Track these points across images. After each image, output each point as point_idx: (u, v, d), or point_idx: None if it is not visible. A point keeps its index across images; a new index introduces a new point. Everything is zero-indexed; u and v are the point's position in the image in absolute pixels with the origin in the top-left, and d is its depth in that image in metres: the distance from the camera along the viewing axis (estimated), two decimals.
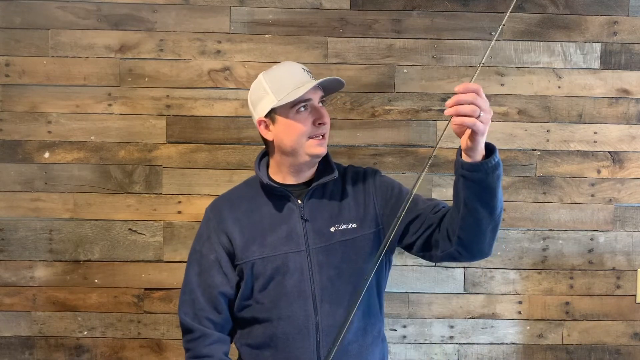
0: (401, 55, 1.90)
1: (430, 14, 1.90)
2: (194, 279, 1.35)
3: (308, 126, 1.29)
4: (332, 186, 1.37)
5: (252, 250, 1.31)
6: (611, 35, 1.92)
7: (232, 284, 1.33)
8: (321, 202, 1.35)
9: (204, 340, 1.31)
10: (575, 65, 1.92)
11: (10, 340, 1.91)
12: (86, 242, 1.90)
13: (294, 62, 1.37)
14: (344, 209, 1.35)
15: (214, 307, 1.33)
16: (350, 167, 1.45)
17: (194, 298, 1.33)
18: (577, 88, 1.93)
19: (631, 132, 1.94)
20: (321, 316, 1.28)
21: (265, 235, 1.32)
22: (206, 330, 1.32)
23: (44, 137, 1.88)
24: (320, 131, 1.30)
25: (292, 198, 1.33)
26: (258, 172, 1.37)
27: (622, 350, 1.97)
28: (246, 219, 1.34)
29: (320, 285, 1.29)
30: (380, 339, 1.38)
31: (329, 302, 1.29)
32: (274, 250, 1.30)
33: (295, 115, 1.28)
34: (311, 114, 1.29)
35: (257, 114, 1.33)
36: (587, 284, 1.96)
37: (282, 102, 1.27)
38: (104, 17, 1.87)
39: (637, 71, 1.92)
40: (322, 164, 1.39)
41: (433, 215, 1.29)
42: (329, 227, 1.32)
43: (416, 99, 1.91)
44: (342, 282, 1.30)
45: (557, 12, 1.91)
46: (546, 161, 1.94)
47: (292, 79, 1.29)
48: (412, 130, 1.91)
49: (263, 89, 1.32)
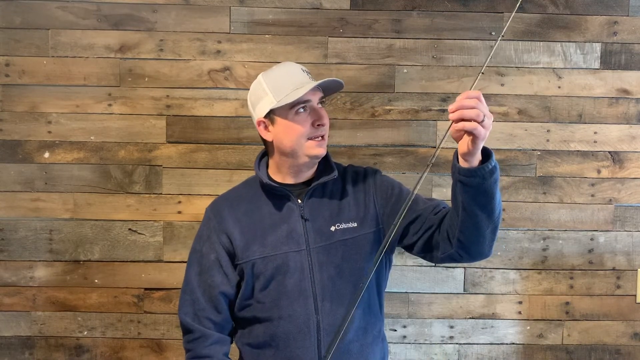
0: (401, 55, 1.90)
1: (430, 14, 1.90)
2: (194, 279, 1.35)
3: (307, 127, 1.29)
4: (332, 186, 1.37)
5: (252, 250, 1.31)
6: (611, 35, 1.92)
7: (233, 283, 1.33)
8: (321, 201, 1.35)
9: (204, 341, 1.31)
10: (575, 65, 1.92)
11: (10, 340, 1.91)
12: (86, 242, 1.90)
13: (294, 62, 1.37)
14: (344, 209, 1.35)
15: (214, 307, 1.33)
16: (350, 166, 1.45)
17: (194, 298, 1.33)
18: (577, 88, 1.93)
19: (631, 132, 1.94)
20: (322, 315, 1.28)
21: (266, 234, 1.32)
22: (206, 331, 1.32)
23: (44, 137, 1.88)
24: (319, 132, 1.30)
25: (292, 197, 1.34)
26: (258, 172, 1.37)
27: (622, 350, 1.97)
28: (246, 218, 1.34)
29: (321, 285, 1.29)
30: (380, 339, 1.38)
31: (329, 301, 1.29)
32: (275, 250, 1.30)
33: (294, 117, 1.28)
34: (310, 115, 1.29)
35: (257, 114, 1.33)
36: (587, 284, 1.96)
37: (281, 103, 1.27)
38: (104, 17, 1.87)
39: (637, 71, 1.92)
40: (322, 163, 1.39)
41: (433, 216, 1.29)
42: (329, 226, 1.33)
43: (416, 99, 1.91)
44: (342, 281, 1.31)
45: (557, 12, 1.91)
46: (546, 161, 1.94)
47: (291, 80, 1.29)
48: (412, 130, 1.91)
49: (262, 90, 1.31)
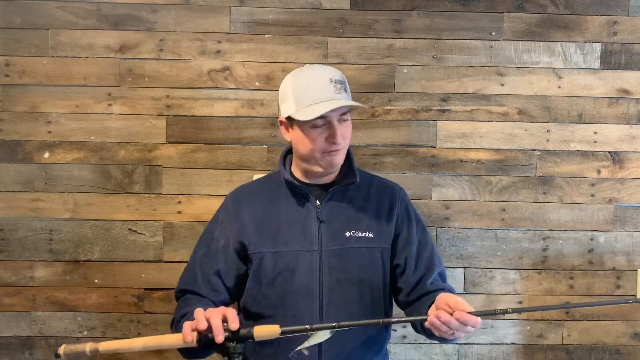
0: (401, 55, 1.90)
1: (430, 14, 1.90)
2: (199, 259, 1.36)
3: (321, 143, 1.27)
4: (353, 192, 1.37)
5: (264, 243, 1.31)
6: (611, 35, 1.92)
7: (232, 274, 1.34)
8: (340, 205, 1.34)
9: (197, 297, 1.31)
10: (575, 65, 1.92)
11: (10, 340, 1.91)
12: (86, 242, 1.90)
13: (326, 67, 1.32)
14: (363, 217, 1.34)
15: (211, 288, 1.32)
16: (377, 177, 1.45)
17: (193, 275, 1.34)
18: (577, 88, 1.93)
19: (631, 132, 1.94)
20: (326, 319, 1.27)
21: (280, 230, 1.32)
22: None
23: (44, 137, 1.88)
24: (332, 148, 1.28)
25: (311, 198, 1.33)
26: (282, 168, 1.37)
27: (622, 350, 1.97)
28: (263, 211, 1.34)
29: (329, 288, 1.29)
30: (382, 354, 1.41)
31: (335, 306, 1.29)
32: (286, 247, 1.30)
33: (309, 130, 1.27)
34: (326, 130, 1.27)
35: (280, 113, 1.34)
36: (587, 284, 1.96)
37: (297, 116, 1.25)
38: (104, 17, 1.87)
39: (637, 71, 1.92)
40: (345, 168, 1.38)
41: (413, 287, 1.35)
42: (345, 231, 1.32)
43: (416, 99, 1.91)
44: (351, 288, 1.30)
45: (557, 12, 1.91)
46: (546, 161, 1.94)
47: (315, 91, 1.26)
48: (412, 130, 1.91)
49: (288, 92, 1.29)
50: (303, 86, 1.28)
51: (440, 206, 1.93)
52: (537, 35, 1.91)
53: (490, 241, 1.94)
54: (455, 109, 1.91)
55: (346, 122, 1.31)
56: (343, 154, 1.32)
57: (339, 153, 1.30)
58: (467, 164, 1.92)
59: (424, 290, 1.33)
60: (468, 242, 1.93)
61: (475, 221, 1.93)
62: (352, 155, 1.40)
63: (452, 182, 1.93)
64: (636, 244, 1.95)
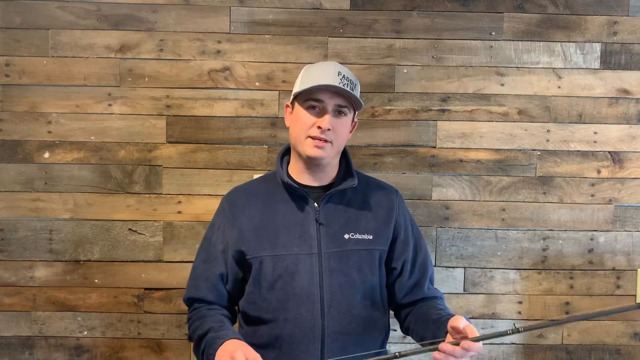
0: (401, 55, 1.90)
1: (430, 14, 1.90)
2: (199, 266, 1.37)
3: (309, 124, 1.28)
4: (351, 194, 1.36)
5: (263, 248, 1.31)
6: (611, 35, 1.92)
7: (232, 278, 1.34)
8: (338, 207, 1.34)
9: (205, 305, 1.35)
10: (575, 65, 1.92)
11: (10, 340, 1.91)
12: (86, 242, 1.90)
13: (341, 65, 1.35)
14: (362, 219, 1.34)
15: (215, 295, 1.35)
16: (372, 179, 1.45)
17: (197, 285, 1.36)
18: (577, 88, 1.93)
19: (631, 132, 1.94)
20: (328, 321, 1.27)
21: (278, 234, 1.31)
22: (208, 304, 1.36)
23: (44, 137, 1.88)
24: (317, 134, 1.28)
25: (309, 200, 1.33)
26: (279, 168, 1.37)
27: (622, 350, 1.97)
28: (260, 215, 1.34)
29: (330, 290, 1.29)
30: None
31: (337, 308, 1.29)
32: (285, 250, 1.30)
33: (304, 110, 1.30)
34: (318, 115, 1.29)
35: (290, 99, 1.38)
36: (587, 284, 1.96)
37: (295, 90, 1.31)
38: (104, 17, 1.87)
39: (637, 71, 1.92)
40: (343, 170, 1.39)
41: (407, 293, 1.39)
42: (343, 234, 1.32)
43: (416, 99, 1.91)
44: (351, 290, 1.30)
45: (557, 12, 1.91)
46: (546, 161, 1.94)
47: (319, 77, 1.29)
48: (412, 130, 1.91)
49: (298, 78, 1.35)
50: (311, 71, 1.33)
51: (440, 206, 1.93)
52: (537, 35, 1.91)
53: (490, 241, 1.94)
54: (455, 109, 1.91)
55: (342, 118, 1.31)
56: (329, 149, 1.30)
57: (324, 146, 1.29)
58: (467, 164, 1.93)
59: (420, 295, 1.38)
60: (468, 242, 1.93)
61: (475, 221, 1.93)
62: (350, 157, 1.40)
63: (452, 182, 1.93)
64: (636, 244, 1.95)
